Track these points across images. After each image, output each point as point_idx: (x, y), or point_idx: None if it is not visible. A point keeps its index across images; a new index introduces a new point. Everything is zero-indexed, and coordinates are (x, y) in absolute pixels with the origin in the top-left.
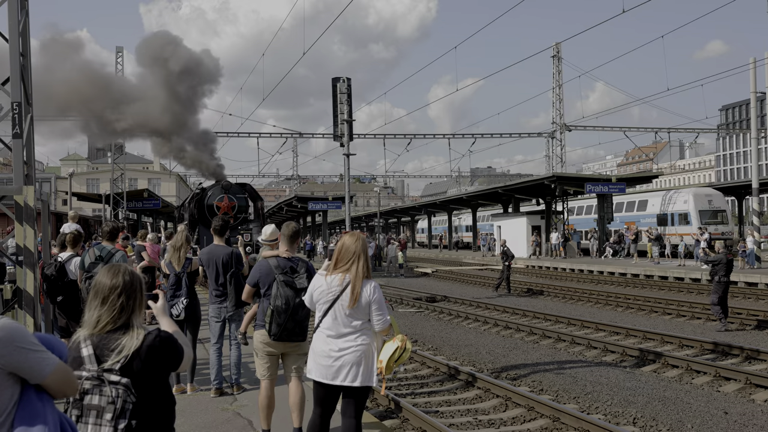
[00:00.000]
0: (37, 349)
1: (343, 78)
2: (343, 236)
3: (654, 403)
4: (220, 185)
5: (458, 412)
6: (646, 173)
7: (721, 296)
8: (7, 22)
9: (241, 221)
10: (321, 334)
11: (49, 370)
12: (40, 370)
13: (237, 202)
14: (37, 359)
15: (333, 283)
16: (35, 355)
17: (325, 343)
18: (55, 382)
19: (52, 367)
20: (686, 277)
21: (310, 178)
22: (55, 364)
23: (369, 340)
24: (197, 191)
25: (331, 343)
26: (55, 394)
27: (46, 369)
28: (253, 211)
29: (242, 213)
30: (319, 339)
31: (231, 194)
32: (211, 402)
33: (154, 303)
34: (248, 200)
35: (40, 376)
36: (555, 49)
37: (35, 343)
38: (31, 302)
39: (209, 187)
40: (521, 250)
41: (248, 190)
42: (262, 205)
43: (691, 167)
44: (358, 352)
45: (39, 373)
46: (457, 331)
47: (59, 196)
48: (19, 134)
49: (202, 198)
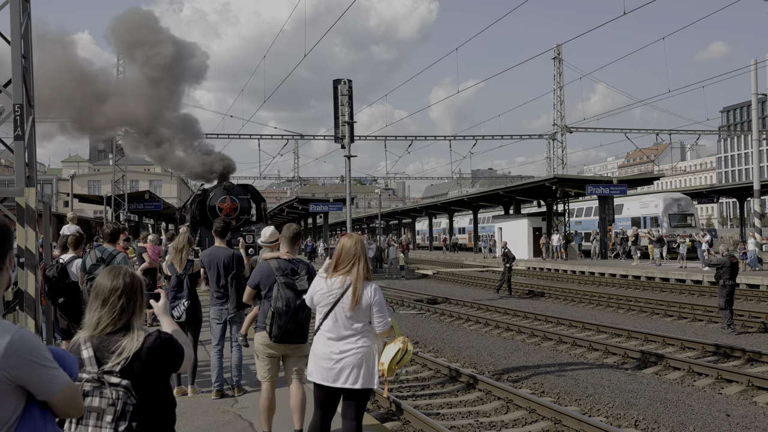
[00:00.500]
0: (51, 366)
1: (344, 80)
2: (341, 238)
3: (656, 406)
4: (222, 186)
5: (459, 415)
6: (647, 175)
7: (728, 299)
8: (8, 24)
9: (244, 222)
10: (321, 337)
11: (59, 388)
12: (50, 388)
13: (239, 204)
14: (49, 376)
15: (333, 286)
16: (47, 371)
17: (325, 346)
18: (62, 401)
19: (61, 385)
20: (688, 279)
21: (311, 179)
22: (64, 383)
23: (370, 342)
24: (199, 192)
25: (332, 345)
26: (59, 413)
27: (56, 387)
28: (256, 213)
29: (245, 214)
30: (319, 341)
31: (233, 195)
32: (211, 404)
33: (155, 302)
34: (251, 201)
35: (48, 394)
36: (556, 51)
37: (50, 359)
38: (32, 304)
39: (211, 189)
40: (522, 251)
41: (251, 191)
42: (265, 206)
43: (692, 169)
44: (359, 355)
45: (48, 390)
46: (458, 333)
47: (60, 198)
48: (20, 136)
49: (204, 199)
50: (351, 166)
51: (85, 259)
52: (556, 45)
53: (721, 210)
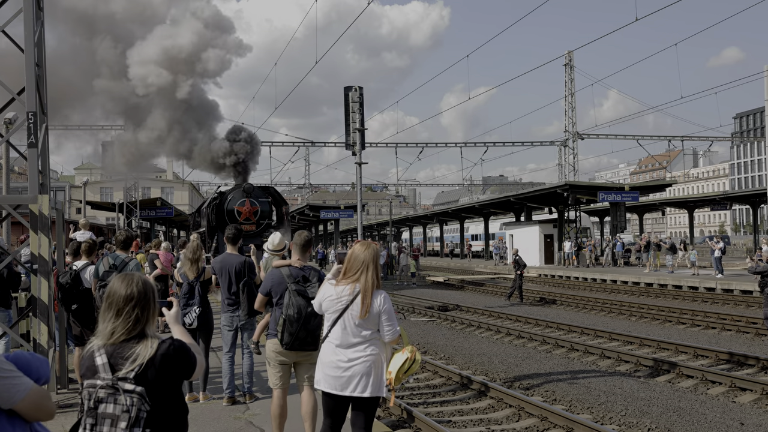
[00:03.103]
0: (8, 375)
1: (355, 87)
2: (354, 245)
3: (669, 414)
4: (241, 188)
5: (471, 422)
6: (660, 181)
7: None
8: (22, 32)
9: (264, 227)
10: (330, 345)
11: (20, 396)
12: (9, 397)
13: (260, 207)
14: (6, 386)
15: (343, 293)
16: (4, 381)
17: (334, 354)
18: (27, 407)
19: (23, 393)
20: (701, 286)
21: (322, 186)
22: (27, 390)
23: (378, 350)
24: (215, 195)
25: (340, 353)
26: (29, 419)
27: (16, 396)
28: (277, 217)
29: (265, 219)
30: (327, 349)
31: (253, 198)
32: (223, 411)
33: (167, 310)
34: (271, 205)
35: (9, 402)
36: (567, 58)
37: (6, 368)
38: (45, 311)
39: (229, 191)
40: (533, 258)
41: (271, 194)
42: (287, 209)
43: (704, 175)
44: (367, 363)
45: (8, 400)
46: (469, 340)
47: (73, 205)
48: (34, 143)
49: (221, 203)
50: (362, 173)
51: (98, 266)
52: (567, 51)
53: (734, 217)
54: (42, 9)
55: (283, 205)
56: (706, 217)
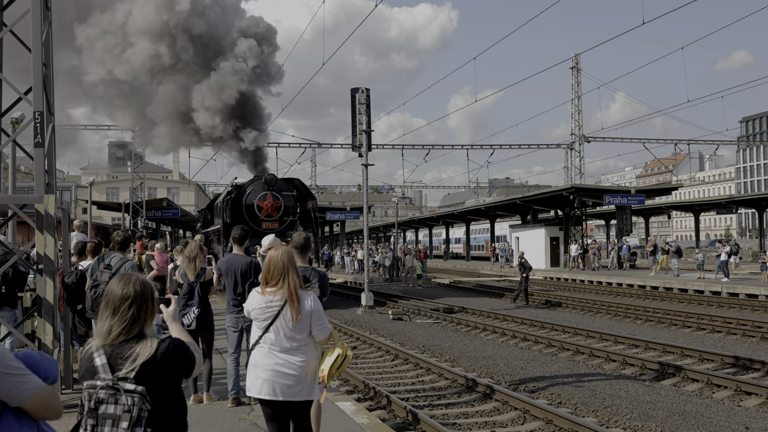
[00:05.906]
0: (16, 373)
1: (362, 88)
2: (269, 252)
3: (674, 418)
4: (261, 180)
5: (476, 425)
6: (666, 185)
7: None
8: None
9: (288, 225)
10: (261, 349)
11: (28, 394)
12: (18, 394)
13: (283, 201)
14: (15, 383)
15: (272, 301)
16: (13, 378)
17: (267, 358)
18: (35, 405)
19: (31, 390)
20: (706, 290)
21: (329, 188)
22: (35, 388)
23: (310, 353)
24: (230, 188)
25: (273, 357)
26: (36, 417)
27: (25, 393)
28: (301, 214)
29: (290, 215)
30: (259, 353)
31: (275, 191)
32: (228, 412)
33: (165, 308)
34: (296, 199)
35: (17, 400)
36: (574, 61)
37: (15, 366)
38: (51, 310)
39: (247, 183)
40: (539, 261)
41: (296, 186)
42: (314, 205)
43: (710, 179)
44: (299, 366)
45: (16, 397)
46: (474, 342)
47: (79, 205)
48: (41, 143)
49: (238, 197)
50: (368, 174)
51: (93, 265)
52: (574, 54)
53: (740, 221)
54: (50, 9)
55: (309, 200)
56: (712, 221)
